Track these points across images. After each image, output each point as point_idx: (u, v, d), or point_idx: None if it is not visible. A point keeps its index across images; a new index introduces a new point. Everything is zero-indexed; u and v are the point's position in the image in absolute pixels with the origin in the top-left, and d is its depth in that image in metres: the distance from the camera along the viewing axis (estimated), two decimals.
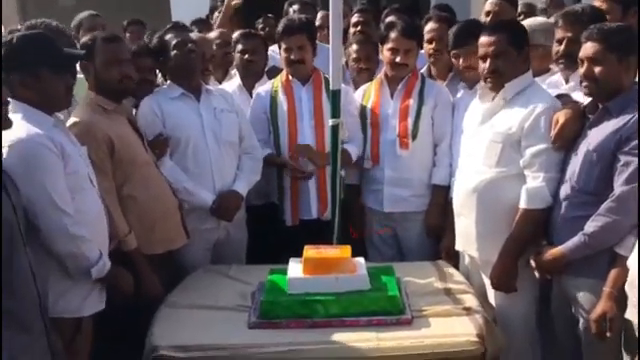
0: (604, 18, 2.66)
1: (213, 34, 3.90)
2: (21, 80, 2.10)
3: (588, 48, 2.27)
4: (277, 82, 3.26)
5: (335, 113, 2.77)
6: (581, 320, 2.35)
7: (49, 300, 1.99)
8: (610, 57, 2.22)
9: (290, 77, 3.22)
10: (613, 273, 2.18)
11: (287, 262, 2.51)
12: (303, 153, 3.11)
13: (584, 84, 2.31)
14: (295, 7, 4.26)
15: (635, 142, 2.15)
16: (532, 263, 2.44)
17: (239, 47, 3.51)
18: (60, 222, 2.05)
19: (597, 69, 2.24)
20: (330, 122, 2.80)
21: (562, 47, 2.67)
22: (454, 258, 2.90)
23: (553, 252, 2.34)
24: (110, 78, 2.52)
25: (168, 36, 2.94)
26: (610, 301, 2.16)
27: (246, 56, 3.48)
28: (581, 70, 2.30)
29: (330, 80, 2.76)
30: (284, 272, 2.45)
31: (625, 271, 2.12)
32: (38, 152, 2.04)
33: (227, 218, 2.96)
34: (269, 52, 3.94)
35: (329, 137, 2.92)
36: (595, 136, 2.28)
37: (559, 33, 2.71)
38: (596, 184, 2.26)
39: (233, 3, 4.42)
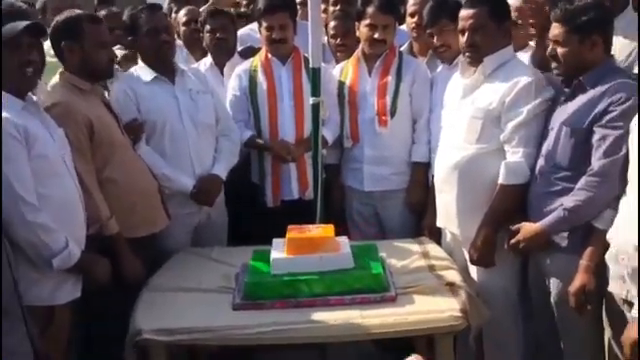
0: None
1: (181, 12, 3.83)
2: None
3: (553, 29, 2.30)
4: (256, 61, 3.22)
5: (315, 92, 2.75)
6: (553, 293, 2.38)
7: (20, 288, 1.94)
8: (572, 38, 2.25)
9: (269, 56, 3.18)
10: (590, 246, 2.21)
11: (270, 243, 2.49)
12: (281, 151, 3.08)
13: (552, 65, 2.34)
14: None
15: (611, 115, 2.16)
16: (505, 246, 2.46)
17: (207, 27, 3.45)
18: (17, 209, 1.99)
19: (560, 50, 2.28)
20: (311, 100, 2.78)
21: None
22: (436, 235, 2.91)
23: (534, 228, 2.35)
24: (99, 60, 2.47)
25: (141, 17, 2.84)
26: (588, 274, 2.18)
27: (217, 34, 3.41)
28: (548, 49, 2.34)
29: (310, 58, 2.74)
30: (267, 253, 2.44)
31: (602, 244, 2.15)
32: None
33: (208, 203, 2.93)
34: (248, 31, 3.89)
35: (309, 117, 2.90)
36: (569, 110, 2.30)
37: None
38: (570, 158, 2.28)
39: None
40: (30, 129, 2.06)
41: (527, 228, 2.38)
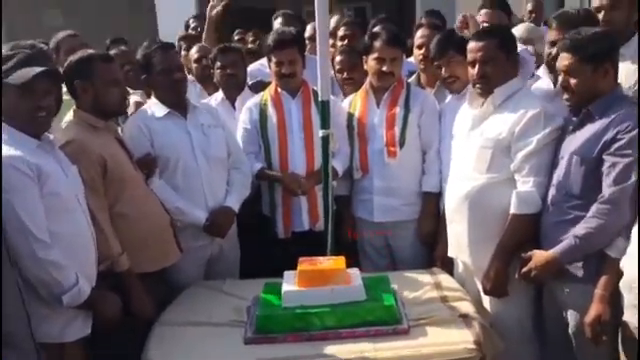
0: (597, 23, 2.66)
1: (193, 50, 3.90)
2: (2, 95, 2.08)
3: (563, 59, 2.30)
4: (266, 95, 3.26)
5: (325, 124, 2.78)
6: (571, 324, 2.35)
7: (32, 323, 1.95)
8: (585, 68, 2.25)
9: (279, 90, 3.22)
10: (604, 275, 2.19)
11: (281, 275, 2.49)
12: (292, 184, 3.10)
13: (564, 96, 2.34)
14: (279, 20, 4.26)
15: (620, 143, 2.16)
16: (517, 275, 2.44)
17: (218, 63, 3.52)
18: (28, 246, 2.00)
19: (572, 81, 2.27)
20: (320, 133, 2.80)
21: (554, 50, 2.66)
22: (449, 265, 2.89)
23: (545, 256, 2.34)
24: (112, 99, 2.51)
25: (154, 56, 2.89)
26: (603, 304, 2.16)
27: (227, 70, 3.49)
28: (559, 80, 2.33)
29: (319, 91, 2.77)
30: (279, 286, 2.44)
31: (616, 273, 2.13)
32: (8, 174, 2.00)
33: (221, 235, 2.95)
34: (258, 66, 3.96)
35: (319, 149, 2.92)
36: (578, 140, 2.30)
37: (552, 35, 2.72)
38: (582, 187, 2.27)
39: (213, 13, 4.42)
40: (43, 167, 2.09)
41: (539, 256, 2.36)
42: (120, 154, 2.58)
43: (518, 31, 3.16)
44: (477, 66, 2.53)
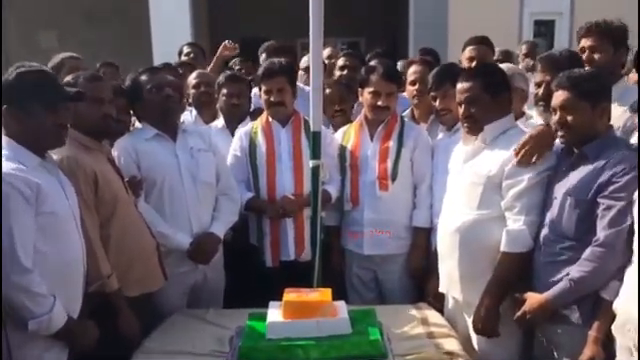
0: (581, 63, 2.71)
1: (192, 76, 3.93)
2: (13, 114, 2.08)
3: (559, 96, 2.30)
4: (257, 123, 3.27)
5: (315, 154, 2.78)
6: None
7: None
8: (582, 104, 2.25)
9: (270, 119, 3.24)
10: (598, 318, 2.16)
11: (266, 305, 2.45)
12: (276, 204, 3.10)
13: (559, 133, 2.33)
14: (264, 56, 4.30)
15: (615, 186, 2.16)
16: (514, 318, 2.40)
17: (224, 90, 3.55)
18: (6, 266, 1.94)
19: (569, 117, 2.27)
20: (310, 163, 2.80)
21: (541, 90, 2.70)
22: (441, 300, 2.86)
23: (539, 300, 2.31)
24: (91, 116, 2.49)
25: (142, 78, 2.90)
26: (597, 346, 2.13)
27: (233, 100, 3.53)
28: (554, 118, 2.33)
29: (311, 122, 2.78)
30: (263, 316, 2.39)
31: (610, 316, 2.10)
32: (6, 192, 1.96)
33: (204, 262, 2.91)
34: (255, 94, 4.00)
35: (308, 178, 2.92)
36: (572, 180, 2.29)
37: (538, 77, 2.75)
38: (576, 229, 2.26)
39: (225, 54, 4.47)
40: (43, 185, 2.05)
41: (532, 299, 2.34)
42: (111, 174, 2.56)
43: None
44: (463, 106, 2.56)
